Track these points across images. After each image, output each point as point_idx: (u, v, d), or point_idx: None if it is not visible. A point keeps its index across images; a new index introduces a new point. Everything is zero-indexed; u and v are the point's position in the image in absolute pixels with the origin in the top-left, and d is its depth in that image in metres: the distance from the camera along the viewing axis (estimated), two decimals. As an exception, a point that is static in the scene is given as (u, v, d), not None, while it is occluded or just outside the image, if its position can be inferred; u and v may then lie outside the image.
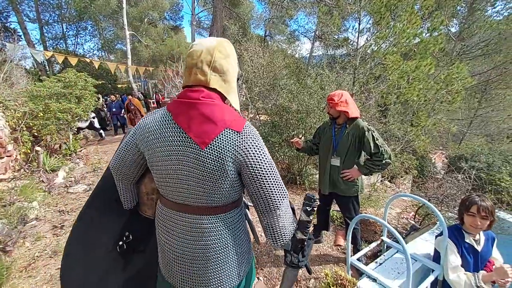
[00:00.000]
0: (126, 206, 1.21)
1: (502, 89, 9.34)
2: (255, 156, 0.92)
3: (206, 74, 0.95)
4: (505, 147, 7.65)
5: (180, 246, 1.01)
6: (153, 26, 24.87)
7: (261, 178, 0.93)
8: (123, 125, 10.38)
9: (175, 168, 0.93)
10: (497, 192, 3.99)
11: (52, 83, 6.38)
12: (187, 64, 0.98)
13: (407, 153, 5.65)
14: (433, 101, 5.83)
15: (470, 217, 1.77)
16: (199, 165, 0.90)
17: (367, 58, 5.78)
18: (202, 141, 0.89)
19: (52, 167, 5.48)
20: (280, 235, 1.00)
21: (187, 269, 1.02)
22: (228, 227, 1.01)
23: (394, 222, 3.77)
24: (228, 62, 1.00)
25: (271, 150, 5.15)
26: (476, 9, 9.00)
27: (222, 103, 0.98)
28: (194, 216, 0.98)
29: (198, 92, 0.94)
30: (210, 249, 0.99)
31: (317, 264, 2.83)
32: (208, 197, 0.95)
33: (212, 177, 0.91)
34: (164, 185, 1.00)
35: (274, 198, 0.95)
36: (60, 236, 3.36)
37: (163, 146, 0.94)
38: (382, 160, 2.31)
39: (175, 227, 1.01)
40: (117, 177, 1.15)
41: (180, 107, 0.94)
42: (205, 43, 0.98)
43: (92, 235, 1.22)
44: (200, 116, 0.91)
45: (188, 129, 0.90)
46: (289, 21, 22.75)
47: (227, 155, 0.89)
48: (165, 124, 0.95)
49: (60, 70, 16.15)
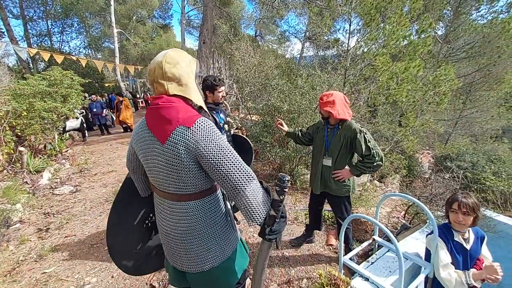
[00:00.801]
0: (142, 194, 1.47)
1: (486, 90, 9.60)
2: (207, 147, 1.05)
3: (163, 86, 1.14)
4: (488, 147, 7.89)
5: (167, 226, 1.22)
6: (142, 24, 24.52)
7: (217, 165, 1.06)
8: (104, 125, 10.02)
9: (151, 162, 1.15)
10: (482, 191, 4.10)
11: (37, 81, 6.20)
12: (149, 81, 1.19)
13: (396, 153, 5.75)
14: (421, 102, 5.94)
15: (452, 213, 1.84)
16: (163, 158, 1.10)
17: (357, 59, 5.84)
18: (162, 138, 1.08)
19: (37, 168, 5.32)
20: (252, 213, 1.09)
21: (173, 246, 1.23)
22: (204, 212, 1.18)
23: (385, 221, 3.82)
24: (179, 68, 1.15)
25: (262, 150, 5.14)
26: (462, 13, 9.23)
27: (181, 104, 1.14)
28: (173, 202, 1.17)
29: (159, 99, 1.13)
30: (190, 230, 1.17)
31: (309, 264, 2.83)
32: (176, 186, 1.13)
33: (174, 168, 1.09)
34: (150, 176, 1.22)
35: (237, 181, 1.07)
36: (45, 240, 3.26)
37: (142, 145, 1.18)
38: (374, 162, 2.32)
39: (163, 210, 1.22)
40: (131, 172, 1.42)
41: (148, 113, 1.16)
42: (155, 60, 1.15)
43: (125, 216, 1.50)
44: (160, 117, 1.10)
45: (153, 129, 1.12)
46: (280, 22, 22.82)
47: (181, 148, 1.06)
48: (142, 128, 1.19)
49: (44, 68, 15.71)
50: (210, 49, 11.83)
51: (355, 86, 5.73)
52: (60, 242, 3.22)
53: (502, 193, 3.88)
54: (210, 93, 2.53)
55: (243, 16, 22.20)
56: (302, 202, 4.27)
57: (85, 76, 10.54)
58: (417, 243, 2.57)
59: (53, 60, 12.15)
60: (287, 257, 2.92)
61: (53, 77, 6.46)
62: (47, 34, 20.05)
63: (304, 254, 2.99)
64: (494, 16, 8.78)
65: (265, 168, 5.69)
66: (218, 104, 2.59)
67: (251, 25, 23.11)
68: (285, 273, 2.67)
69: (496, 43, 8.32)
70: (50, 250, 3.03)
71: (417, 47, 4.89)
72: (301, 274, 2.66)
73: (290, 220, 3.72)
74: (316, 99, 4.61)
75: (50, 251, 3.02)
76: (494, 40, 8.35)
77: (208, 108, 2.48)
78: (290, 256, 2.95)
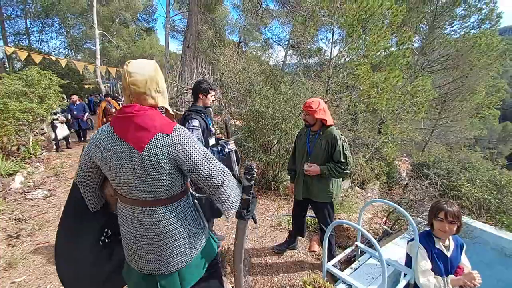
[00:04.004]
0: (92, 209, 1.37)
1: (460, 101, 10.10)
2: (187, 151, 1.12)
3: (155, 98, 1.18)
4: (462, 155, 8.26)
5: (138, 233, 1.20)
6: (125, 27, 24.05)
7: (197, 166, 1.13)
8: (84, 130, 8.79)
9: (121, 170, 1.13)
10: (458, 198, 4.25)
11: (13, 80, 5.90)
12: (134, 91, 1.14)
13: (377, 160, 5.88)
14: (400, 110, 6.15)
15: (438, 222, 1.84)
16: (139, 165, 1.09)
17: (339, 68, 5.99)
18: (139, 146, 1.08)
19: (8, 171, 5.02)
20: (232, 206, 1.21)
21: (146, 250, 1.21)
22: (176, 215, 1.21)
23: (366, 227, 3.88)
24: (163, 81, 1.22)
25: (246, 156, 5.11)
26: (437, 27, 9.72)
27: (153, 111, 1.17)
28: (144, 208, 1.17)
29: (131, 107, 1.13)
30: (162, 233, 1.19)
31: (292, 271, 2.81)
32: (150, 192, 1.14)
33: (152, 174, 1.10)
34: (117, 185, 1.19)
35: (217, 178, 1.16)
36: (15, 247, 3.06)
37: (110, 154, 1.13)
38: (345, 170, 2.44)
39: (132, 218, 1.20)
40: (82, 185, 1.31)
41: (118, 121, 1.14)
42: (145, 72, 1.14)
43: (75, 237, 1.39)
44: (135, 125, 1.10)
45: (126, 137, 1.10)
46: (264, 29, 23.03)
47: (161, 154, 1.09)
48: (108, 137, 1.15)
49: (21, 67, 15.03)
50: (194, 53, 11.76)
51: (337, 93, 5.85)
52: (31, 250, 3.03)
53: (477, 200, 4.04)
54: (203, 96, 2.55)
55: (228, 23, 22.29)
56: (285, 208, 4.26)
57: (64, 77, 10.13)
58: (398, 249, 2.61)
59: (30, 60, 11.63)
60: (270, 264, 2.89)
61: (31, 77, 6.17)
62: (25, 33, 19.29)
63: (287, 261, 2.96)
64: (466, 31, 9.32)
65: (248, 174, 5.65)
66: (206, 107, 2.60)
67: (235, 32, 23.20)
68: (268, 280, 2.64)
69: (468, 56, 8.80)
70: (20, 258, 2.86)
71: (397, 58, 5.07)
72: (284, 281, 2.64)
73: (273, 226, 3.70)
74: (299, 106, 4.65)
75: (21, 259, 2.85)
76: (466, 54, 8.82)
77: (198, 111, 2.48)
78: (273, 263, 2.92)
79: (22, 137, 6.10)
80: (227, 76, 6.66)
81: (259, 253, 3.08)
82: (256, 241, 3.32)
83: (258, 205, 4.31)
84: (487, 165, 6.25)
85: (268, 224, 3.76)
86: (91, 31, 17.75)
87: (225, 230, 3.55)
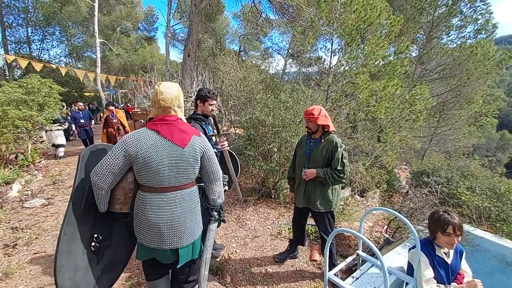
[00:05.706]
0: (103, 210, 1.57)
1: (457, 110, 10.17)
2: (209, 149, 1.69)
3: (176, 111, 1.61)
4: (461, 163, 8.25)
5: (165, 215, 1.52)
6: (126, 36, 24.30)
7: (210, 160, 1.69)
8: (91, 138, 8.55)
9: (167, 164, 1.49)
10: (458, 206, 4.24)
11: (13, 88, 5.93)
12: (162, 105, 1.55)
13: (377, 168, 5.88)
14: (399, 119, 6.19)
15: (446, 236, 1.80)
16: (182, 158, 1.54)
17: (338, 77, 6.04)
18: (183, 143, 1.54)
19: (6, 179, 5.01)
20: (219, 197, 1.80)
21: (175, 229, 1.54)
22: (191, 197, 1.63)
23: (367, 235, 3.85)
24: (182, 99, 1.66)
25: (246, 163, 5.11)
26: (434, 37, 9.87)
27: (182, 120, 1.64)
28: (184, 191, 1.58)
29: (173, 117, 1.58)
30: (190, 208, 1.61)
31: (293, 281, 2.79)
32: (186, 177, 1.57)
33: (190, 164, 1.57)
34: (155, 178, 1.49)
35: (217, 171, 1.74)
36: (12, 256, 3.04)
37: (162, 150, 1.49)
38: (341, 178, 2.47)
39: (171, 202, 1.53)
40: (105, 185, 1.48)
41: (163, 126, 1.54)
42: (172, 92, 1.57)
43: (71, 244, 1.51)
44: (178, 129, 1.56)
45: (171, 138, 1.52)
46: (263, 39, 23.34)
47: (197, 149, 1.60)
48: (156, 139, 1.50)
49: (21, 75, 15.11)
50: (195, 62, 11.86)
51: (336, 102, 5.89)
52: (28, 259, 3.01)
53: (477, 207, 4.03)
54: (201, 103, 2.56)
55: (228, 32, 22.62)
56: (285, 216, 4.24)
57: (64, 85, 10.17)
58: (399, 257, 2.59)
59: (31, 68, 11.71)
60: (271, 274, 2.86)
61: (31, 85, 6.20)
62: (26, 41, 19.46)
63: (288, 270, 2.94)
64: (463, 41, 9.45)
65: (248, 182, 5.63)
66: (207, 116, 2.61)
67: (235, 41, 23.52)
68: (268, 290, 2.61)
69: (465, 65, 8.90)
70: (17, 268, 2.84)
71: (395, 66, 5.13)
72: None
73: (273, 235, 3.68)
74: (300, 114, 4.68)
75: (17, 269, 2.82)
76: (463, 63, 8.92)
77: (198, 119, 2.50)
78: (274, 272, 2.89)
79: (20, 145, 6.09)
80: (227, 85, 6.71)
81: (260, 262, 3.06)
82: (256, 250, 3.30)
83: (259, 214, 4.30)
84: (486, 173, 6.26)
85: (268, 233, 3.74)
86: (92, 39, 17.91)
87: (225, 239, 3.53)
